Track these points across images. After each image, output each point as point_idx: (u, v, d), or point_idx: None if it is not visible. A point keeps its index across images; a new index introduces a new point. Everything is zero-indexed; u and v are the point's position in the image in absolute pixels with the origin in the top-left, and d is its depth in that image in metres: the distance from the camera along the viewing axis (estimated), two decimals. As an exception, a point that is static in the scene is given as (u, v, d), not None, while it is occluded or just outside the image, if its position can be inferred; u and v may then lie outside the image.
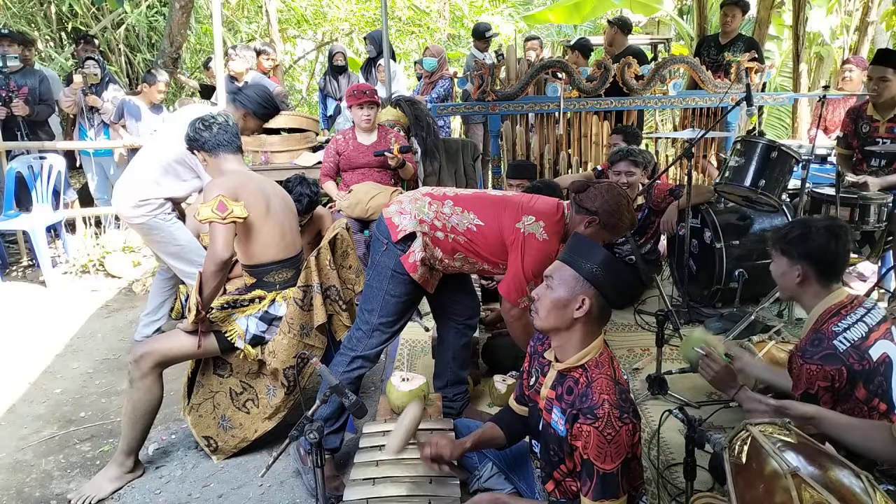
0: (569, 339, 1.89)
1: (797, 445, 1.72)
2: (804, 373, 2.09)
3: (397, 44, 12.74)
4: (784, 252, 2.24)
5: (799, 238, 2.19)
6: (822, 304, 2.19)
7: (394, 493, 1.97)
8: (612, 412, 1.73)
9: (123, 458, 2.76)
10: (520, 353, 3.28)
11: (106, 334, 4.43)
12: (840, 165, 4.25)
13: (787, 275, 2.23)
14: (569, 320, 1.85)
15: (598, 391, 1.78)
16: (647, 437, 2.83)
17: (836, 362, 2.04)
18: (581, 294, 1.83)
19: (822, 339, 2.09)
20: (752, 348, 2.93)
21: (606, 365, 1.86)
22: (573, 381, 1.87)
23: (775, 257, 2.30)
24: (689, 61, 5.63)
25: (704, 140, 5.54)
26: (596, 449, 1.72)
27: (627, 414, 1.76)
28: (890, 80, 4.01)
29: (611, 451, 1.72)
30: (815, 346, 2.09)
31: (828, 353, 2.06)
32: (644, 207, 4.31)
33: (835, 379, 2.04)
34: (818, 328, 2.15)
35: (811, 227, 2.22)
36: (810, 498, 1.51)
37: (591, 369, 1.85)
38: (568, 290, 1.85)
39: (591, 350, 1.88)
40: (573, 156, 5.72)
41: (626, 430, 1.74)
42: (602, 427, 1.72)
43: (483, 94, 5.39)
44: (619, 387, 1.81)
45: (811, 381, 2.07)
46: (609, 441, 1.71)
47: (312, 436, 1.91)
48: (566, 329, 1.88)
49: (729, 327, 3.79)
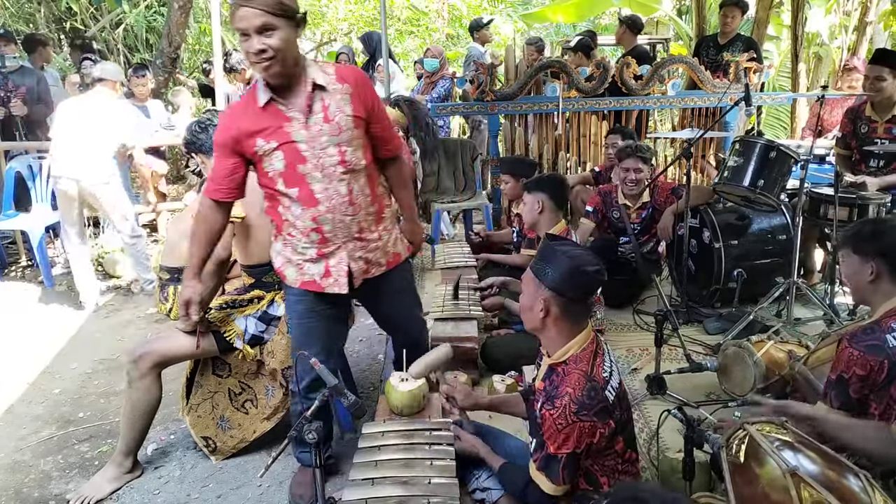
0: (549, 336, 1.99)
1: (795, 444, 1.72)
2: (845, 355, 2.10)
3: (396, 44, 12.74)
4: (856, 250, 2.22)
5: (872, 235, 2.19)
6: (889, 303, 2.17)
7: (392, 494, 1.97)
8: (570, 406, 1.82)
9: (122, 458, 2.76)
10: (517, 353, 3.29)
11: (104, 334, 4.43)
12: (839, 165, 4.25)
13: (860, 273, 2.21)
14: (539, 322, 1.95)
15: (566, 384, 1.87)
16: (646, 437, 2.83)
17: (881, 354, 2.04)
18: (540, 297, 1.92)
19: (874, 330, 2.10)
20: (750, 348, 2.93)
21: (585, 361, 1.91)
22: (556, 375, 1.94)
23: (845, 257, 2.27)
24: (687, 61, 5.64)
25: (703, 140, 5.55)
26: (548, 430, 1.85)
27: (587, 412, 1.81)
28: (887, 80, 4.01)
29: (559, 438, 1.82)
30: (865, 335, 2.10)
31: (875, 344, 2.06)
32: (648, 206, 4.31)
33: (873, 370, 2.04)
34: (878, 321, 2.15)
35: (884, 223, 2.24)
36: (809, 497, 1.51)
37: (570, 364, 1.92)
38: (529, 295, 1.97)
39: (573, 346, 1.95)
40: (572, 156, 5.73)
41: (581, 427, 1.80)
42: (556, 416, 1.82)
43: (482, 94, 5.39)
44: (591, 384, 1.86)
45: (849, 365, 2.08)
46: (559, 430, 1.82)
47: (311, 436, 1.92)
48: (541, 329, 1.98)
49: (728, 327, 3.81)
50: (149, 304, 4.84)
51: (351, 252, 2.38)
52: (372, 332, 4.25)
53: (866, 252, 2.18)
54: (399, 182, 2.57)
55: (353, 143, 2.28)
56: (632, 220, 4.30)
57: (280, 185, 2.28)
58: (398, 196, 2.61)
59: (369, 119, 2.33)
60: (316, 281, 2.40)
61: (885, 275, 2.16)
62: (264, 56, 2.08)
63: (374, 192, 2.41)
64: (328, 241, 2.35)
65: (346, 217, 2.32)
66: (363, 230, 2.39)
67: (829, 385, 2.16)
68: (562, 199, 3.59)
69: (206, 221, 2.39)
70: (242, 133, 2.23)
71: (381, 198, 2.46)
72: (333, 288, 2.39)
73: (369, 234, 2.41)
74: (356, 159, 2.29)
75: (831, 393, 2.14)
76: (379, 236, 2.45)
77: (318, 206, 2.28)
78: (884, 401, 2.03)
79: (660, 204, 4.30)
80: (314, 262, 2.39)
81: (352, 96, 2.27)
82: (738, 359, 2.99)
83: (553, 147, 5.67)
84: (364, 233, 2.39)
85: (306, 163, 2.24)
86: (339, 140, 2.25)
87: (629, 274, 4.31)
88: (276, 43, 2.08)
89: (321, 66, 2.28)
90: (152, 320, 4.60)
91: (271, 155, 2.23)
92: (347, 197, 2.30)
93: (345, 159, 2.26)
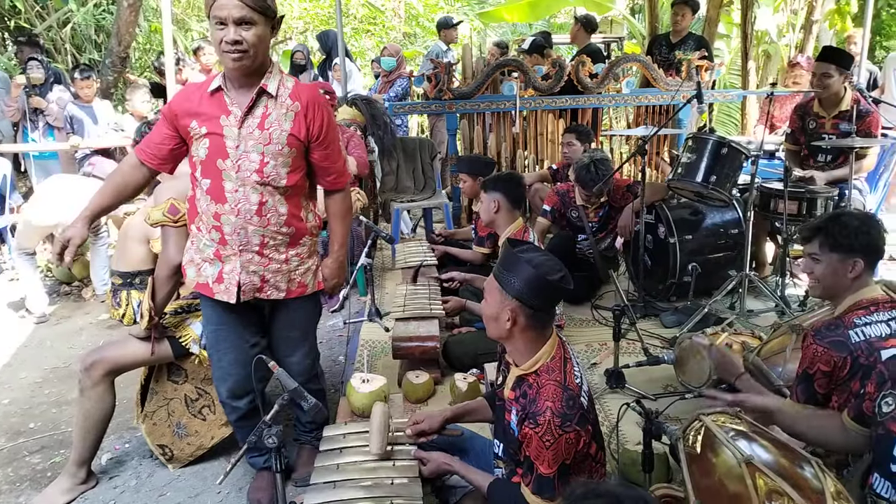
0: (515, 346, 1.93)
1: (749, 434, 1.76)
2: (810, 352, 2.12)
3: (352, 42, 12.65)
4: (835, 248, 2.16)
5: (857, 232, 2.14)
6: (854, 296, 2.17)
7: (355, 496, 1.96)
8: (554, 420, 1.76)
9: (75, 469, 2.69)
10: (479, 351, 3.30)
11: (55, 342, 4.30)
12: (788, 161, 4.37)
13: (839, 271, 2.16)
14: (505, 331, 1.89)
15: (543, 398, 1.81)
16: (606, 430, 2.86)
17: (843, 351, 2.06)
18: (506, 307, 1.86)
19: (838, 326, 2.12)
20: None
21: (557, 370, 1.87)
22: (528, 386, 1.89)
23: (821, 256, 2.20)
24: (641, 60, 5.73)
25: (657, 137, 5.64)
26: (535, 451, 1.78)
27: (570, 422, 1.77)
28: (833, 77, 4.13)
29: (548, 456, 1.76)
30: (829, 331, 2.12)
31: (838, 341, 2.08)
32: (605, 205, 4.36)
33: (837, 366, 2.06)
34: (841, 316, 2.17)
35: (857, 218, 2.20)
36: (764, 485, 1.54)
37: (542, 375, 1.87)
38: (494, 304, 1.90)
39: (542, 355, 1.89)
40: (530, 154, 5.77)
41: (567, 438, 1.76)
42: (542, 433, 1.76)
43: (440, 93, 5.39)
44: (568, 392, 1.82)
45: (813, 361, 2.11)
46: (547, 447, 1.76)
47: (271, 441, 1.89)
48: (508, 339, 1.92)
49: (684, 320, 3.88)
50: (101, 310, 4.72)
51: (245, 263, 2.32)
52: (332, 333, 4.22)
53: (850, 249, 2.14)
54: (335, 214, 2.51)
55: (279, 159, 2.24)
56: (590, 219, 4.35)
57: (198, 172, 2.29)
58: (330, 228, 2.55)
59: (310, 144, 2.30)
60: (209, 284, 2.36)
61: (865, 269, 2.16)
62: (238, 48, 2.09)
63: (294, 215, 2.35)
64: (226, 244, 2.31)
65: (249, 226, 2.27)
66: (266, 246, 2.32)
67: (796, 380, 2.19)
68: (518, 198, 3.61)
69: (122, 174, 2.38)
70: (183, 110, 2.25)
71: (304, 223, 2.40)
72: (223, 295, 2.34)
73: (275, 253, 2.35)
74: (276, 176, 2.25)
75: (798, 388, 2.17)
76: (286, 259, 2.39)
77: (224, 204, 2.26)
78: (844, 394, 2.06)
79: (616, 202, 4.36)
80: (211, 264, 2.35)
81: (297, 115, 2.25)
82: (693, 351, 3.04)
83: (511, 145, 5.70)
84: (267, 249, 2.33)
85: (227, 159, 2.22)
86: (264, 150, 2.22)
87: (587, 270, 4.36)
88: (251, 38, 2.10)
89: (284, 78, 2.27)
90: (104, 326, 4.49)
91: (199, 140, 2.24)
92: (257, 207, 2.26)
93: (262, 170, 2.23)
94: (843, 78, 4.15)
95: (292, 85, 2.28)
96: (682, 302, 4.16)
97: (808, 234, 2.27)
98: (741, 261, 3.88)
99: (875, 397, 1.82)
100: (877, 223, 2.20)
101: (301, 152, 2.30)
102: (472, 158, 4.79)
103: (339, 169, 2.43)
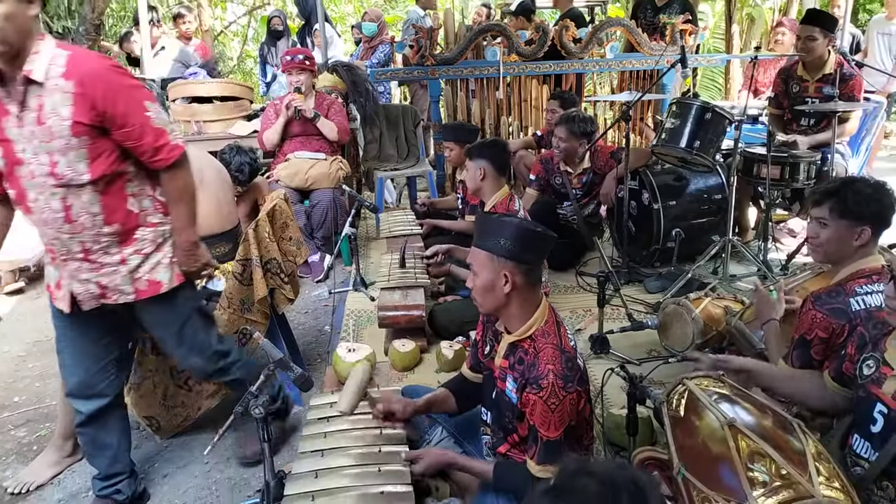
0: (510, 313, 1.93)
1: (732, 397, 1.79)
2: (808, 317, 2.12)
3: (332, 8, 12.41)
4: (844, 214, 2.13)
5: (869, 197, 2.12)
6: (857, 264, 2.17)
7: (343, 464, 1.97)
8: (557, 382, 1.77)
9: (62, 441, 2.69)
10: (464, 319, 3.31)
11: (36, 315, 4.25)
12: (771, 125, 4.37)
13: (845, 237, 2.14)
14: (503, 298, 1.89)
15: (543, 361, 1.82)
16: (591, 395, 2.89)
17: (843, 318, 2.06)
18: (501, 271, 1.86)
19: (839, 294, 2.11)
20: (688, 305, 3.02)
21: (553, 333, 1.89)
22: (523, 352, 1.90)
23: (830, 220, 2.17)
24: (625, 24, 5.67)
25: (641, 103, 5.61)
26: (540, 417, 1.78)
27: (572, 383, 1.79)
28: (818, 40, 4.11)
29: (554, 419, 1.77)
30: (830, 297, 2.12)
31: (838, 308, 2.08)
32: (588, 171, 4.35)
33: (834, 333, 2.07)
34: (842, 283, 2.16)
35: (870, 185, 2.17)
36: (746, 447, 1.57)
37: (538, 339, 1.88)
38: (488, 272, 1.88)
39: (536, 319, 1.91)
40: (514, 120, 5.72)
41: (570, 399, 1.78)
42: (546, 396, 1.76)
43: (422, 59, 5.31)
44: (566, 355, 1.84)
45: (812, 327, 2.11)
46: (552, 410, 1.76)
47: (258, 411, 1.89)
48: (505, 306, 1.91)
49: (667, 286, 3.91)
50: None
51: (74, 272, 2.09)
52: (317, 303, 4.21)
53: (860, 216, 2.12)
54: (172, 196, 2.16)
55: (70, 154, 1.92)
56: (573, 185, 4.34)
57: (5, 182, 2.04)
58: (172, 212, 2.19)
59: (105, 125, 1.94)
60: (51, 287, 2.18)
61: (872, 237, 2.14)
62: None
63: (116, 209, 2.06)
64: (53, 253, 2.10)
65: (63, 235, 2.02)
66: (91, 252, 2.06)
67: (793, 346, 2.19)
68: (503, 165, 3.59)
69: None
70: None
71: (134, 215, 2.11)
72: (60, 304, 2.15)
73: (104, 256, 2.08)
74: (73, 173, 1.94)
75: (794, 353, 2.18)
76: (123, 260, 2.11)
77: (31, 215, 2.03)
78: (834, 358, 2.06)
79: (600, 168, 4.35)
80: (53, 268, 2.16)
81: (75, 97, 1.88)
82: (677, 316, 3.07)
83: (495, 112, 5.65)
84: (93, 255, 2.07)
85: (22, 165, 1.93)
86: (49, 148, 1.91)
87: (571, 237, 4.37)
88: None
89: (55, 56, 1.90)
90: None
91: None
92: (62, 214, 1.98)
93: (55, 171, 1.93)
94: (827, 41, 4.14)
95: (65, 60, 1.90)
96: (665, 267, 4.19)
97: (818, 197, 2.23)
98: (724, 226, 3.89)
99: (856, 359, 1.85)
100: (889, 193, 2.16)
101: (98, 137, 1.95)
102: (457, 126, 4.75)
103: (151, 144, 2.03)
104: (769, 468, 1.49)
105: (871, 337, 1.84)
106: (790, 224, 5.00)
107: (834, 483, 1.48)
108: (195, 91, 5.19)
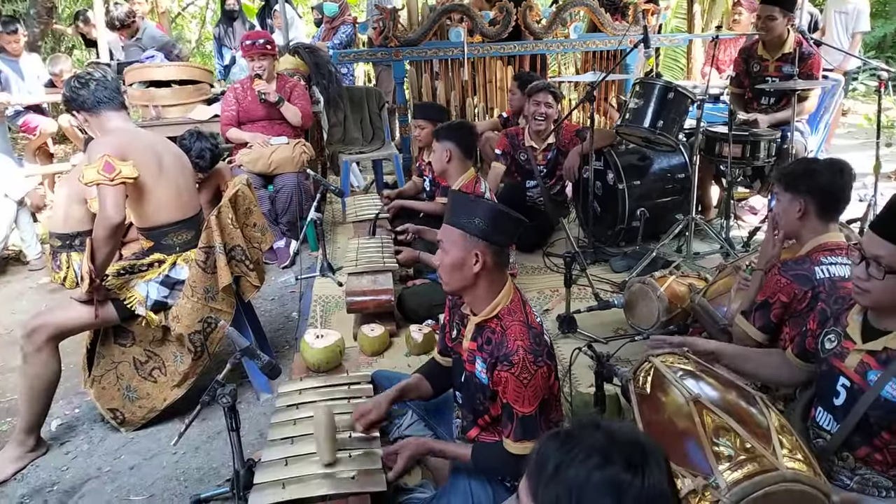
0: (477, 294, 1.93)
1: (696, 373, 1.82)
2: (773, 281, 2.22)
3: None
4: (788, 187, 2.27)
5: (805, 173, 2.25)
6: (817, 239, 2.25)
7: (313, 450, 1.96)
8: (527, 357, 1.78)
9: (24, 436, 2.63)
10: (433, 302, 3.31)
11: (-7, 309, 4.14)
12: (732, 104, 4.42)
13: (789, 210, 2.27)
14: (471, 277, 1.88)
15: (512, 338, 1.82)
16: (559, 375, 2.92)
17: (806, 284, 2.15)
18: (473, 250, 1.86)
19: (805, 262, 2.21)
20: (654, 283, 3.05)
21: (519, 311, 1.90)
22: (490, 332, 1.90)
23: (779, 194, 2.33)
24: (588, 4, 5.66)
25: (605, 83, 5.63)
26: (514, 393, 1.79)
27: (541, 357, 1.81)
28: (777, 19, 4.16)
29: (528, 394, 1.78)
30: (796, 264, 2.22)
31: (802, 275, 2.17)
32: (553, 148, 4.36)
33: (796, 298, 2.16)
34: (809, 254, 2.25)
35: (816, 163, 2.32)
36: (711, 422, 1.59)
37: (505, 318, 1.89)
38: (459, 250, 1.88)
39: (501, 299, 1.91)
40: (479, 101, 5.70)
41: (542, 372, 1.79)
42: (518, 372, 1.77)
43: (385, 40, 5.25)
44: (533, 330, 1.85)
45: (775, 291, 2.20)
46: (525, 385, 1.77)
47: (225, 400, 1.87)
48: (472, 286, 1.91)
49: (633, 265, 3.95)
50: (41, 274, 4.55)
51: None
52: (284, 290, 4.17)
53: (797, 189, 2.24)
54: None
55: None
56: (538, 161, 4.34)
57: None
58: None
59: None
60: None
61: (813, 212, 2.24)
62: None
63: None
64: None
65: None
66: None
67: (755, 307, 2.29)
68: (470, 148, 3.58)
69: None
70: None
71: None
72: None
73: None
74: None
75: (755, 314, 2.28)
76: None
77: None
78: (797, 328, 2.12)
79: (564, 146, 4.36)
80: None
81: None
82: (642, 294, 3.11)
83: (460, 93, 5.62)
84: None
85: None
86: None
87: (538, 218, 4.38)
88: None
89: None
90: (46, 290, 4.33)
91: None
92: None
93: None
94: (786, 20, 4.19)
95: None
96: (630, 247, 4.23)
97: (776, 175, 2.41)
98: (688, 205, 3.94)
99: (817, 334, 1.89)
100: (832, 170, 2.24)
101: None
102: (429, 105, 4.71)
103: None
104: (734, 442, 1.52)
105: (832, 312, 1.88)
106: (751, 202, 5.09)
107: (797, 455, 1.51)
108: (152, 75, 5.06)
